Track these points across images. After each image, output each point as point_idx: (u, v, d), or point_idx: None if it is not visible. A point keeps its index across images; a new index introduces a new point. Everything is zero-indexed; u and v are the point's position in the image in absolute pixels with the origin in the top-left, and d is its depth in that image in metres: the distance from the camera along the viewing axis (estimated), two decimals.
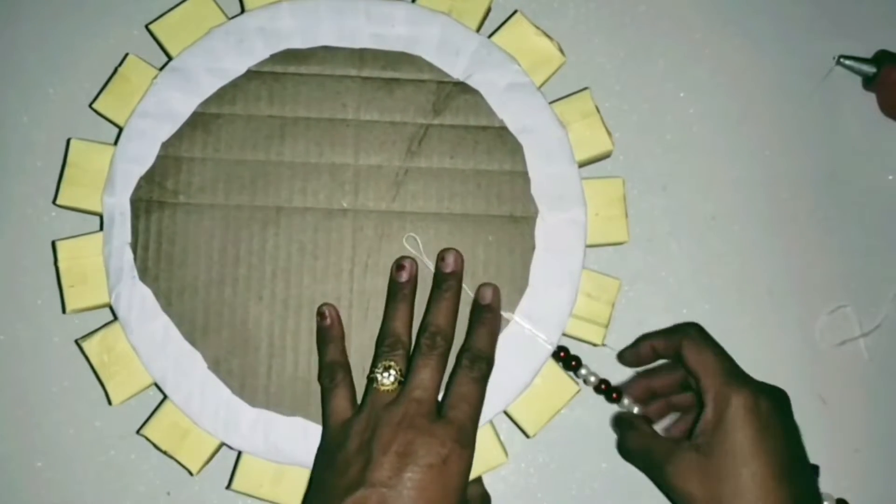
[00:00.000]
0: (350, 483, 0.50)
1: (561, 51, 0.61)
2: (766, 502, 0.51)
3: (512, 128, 0.60)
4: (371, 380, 0.54)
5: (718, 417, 0.53)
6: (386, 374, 0.54)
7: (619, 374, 0.62)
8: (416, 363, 0.54)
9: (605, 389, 0.60)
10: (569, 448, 0.62)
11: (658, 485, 0.56)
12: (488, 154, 0.59)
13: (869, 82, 0.65)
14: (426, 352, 0.54)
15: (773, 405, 0.53)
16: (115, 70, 0.60)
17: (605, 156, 0.61)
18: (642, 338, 0.61)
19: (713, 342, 0.56)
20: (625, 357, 0.62)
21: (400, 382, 0.54)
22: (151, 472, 0.61)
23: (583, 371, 0.60)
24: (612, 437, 0.62)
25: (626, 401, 0.60)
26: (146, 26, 0.61)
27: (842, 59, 0.66)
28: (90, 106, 0.60)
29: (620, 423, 0.60)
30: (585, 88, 0.61)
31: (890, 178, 0.66)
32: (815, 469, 0.59)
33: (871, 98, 0.66)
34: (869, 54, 0.66)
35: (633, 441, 0.58)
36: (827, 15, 0.67)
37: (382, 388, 0.54)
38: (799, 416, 0.63)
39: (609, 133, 0.61)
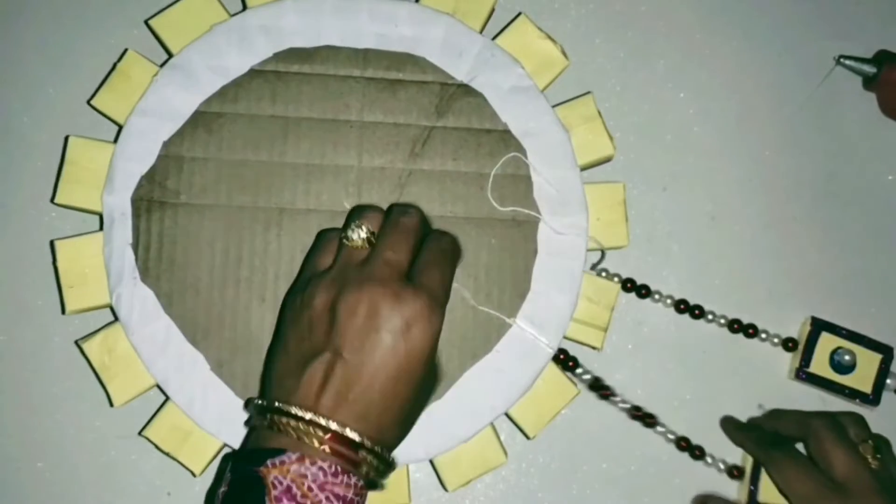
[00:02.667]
0: (315, 346, 0.49)
1: (564, 54, 0.61)
2: None
3: (515, 131, 0.60)
4: (342, 238, 0.52)
5: None
6: (357, 231, 0.51)
7: (615, 376, 0.62)
8: (387, 228, 0.52)
9: (639, 416, 0.62)
10: (569, 448, 0.62)
11: None
12: (491, 157, 0.59)
13: (869, 82, 0.66)
14: (397, 217, 0.52)
15: None
16: (114, 66, 0.59)
17: (607, 160, 0.61)
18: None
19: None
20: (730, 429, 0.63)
21: (371, 243, 0.51)
22: (152, 473, 0.61)
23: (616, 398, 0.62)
24: (613, 437, 0.62)
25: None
26: (146, 22, 0.60)
27: (842, 59, 0.66)
28: (88, 102, 0.59)
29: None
30: (588, 92, 0.61)
31: (890, 178, 0.66)
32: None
33: (871, 98, 0.66)
34: (869, 54, 0.66)
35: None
36: (827, 15, 0.67)
37: (352, 244, 0.51)
38: None
39: (611, 137, 0.60)
